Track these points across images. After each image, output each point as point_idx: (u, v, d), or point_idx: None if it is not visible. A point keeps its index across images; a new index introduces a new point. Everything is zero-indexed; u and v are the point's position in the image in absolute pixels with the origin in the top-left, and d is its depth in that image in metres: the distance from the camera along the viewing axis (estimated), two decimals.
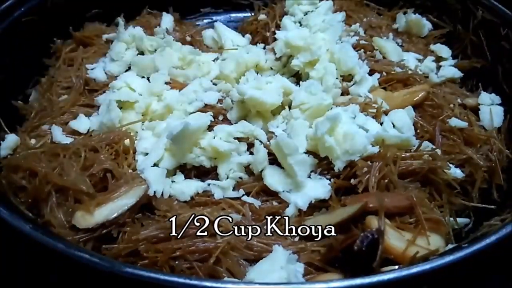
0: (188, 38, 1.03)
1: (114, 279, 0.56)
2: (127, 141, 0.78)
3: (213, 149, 0.75)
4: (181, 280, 0.54)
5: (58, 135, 0.80)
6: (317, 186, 0.73)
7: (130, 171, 0.76)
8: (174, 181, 0.76)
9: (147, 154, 0.78)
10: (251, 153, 0.77)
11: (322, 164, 0.75)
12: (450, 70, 0.95)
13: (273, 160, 0.75)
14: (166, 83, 0.87)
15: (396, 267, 0.61)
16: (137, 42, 0.95)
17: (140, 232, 0.67)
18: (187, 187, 0.74)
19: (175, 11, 1.10)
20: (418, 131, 0.82)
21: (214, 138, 0.77)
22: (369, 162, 0.73)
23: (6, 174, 0.74)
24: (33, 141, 0.82)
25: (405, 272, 0.55)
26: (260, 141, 0.77)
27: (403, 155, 0.74)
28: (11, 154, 0.79)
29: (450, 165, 0.76)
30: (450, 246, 0.67)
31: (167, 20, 1.06)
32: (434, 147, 0.79)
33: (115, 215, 0.68)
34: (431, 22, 1.04)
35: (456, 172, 0.77)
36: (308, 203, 0.71)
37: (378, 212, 0.65)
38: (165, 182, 0.74)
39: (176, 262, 0.64)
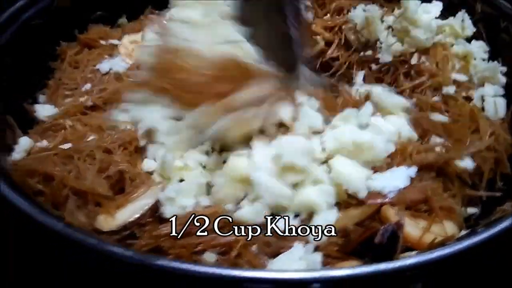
0: None
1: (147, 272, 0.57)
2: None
3: None
4: (218, 270, 0.57)
5: None
6: None
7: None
8: None
9: None
10: None
11: None
12: None
13: None
14: None
15: (414, 252, 0.63)
16: None
17: (160, 228, 0.68)
18: None
19: None
20: None
21: None
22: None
23: (22, 179, 0.74)
24: (44, 142, 0.82)
25: (427, 256, 0.57)
26: None
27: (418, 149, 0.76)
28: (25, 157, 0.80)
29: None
30: (463, 232, 0.69)
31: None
32: (443, 140, 0.81)
33: (136, 215, 0.70)
34: None
35: (467, 163, 0.78)
36: None
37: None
38: None
39: (199, 256, 0.65)
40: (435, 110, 0.87)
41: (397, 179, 0.72)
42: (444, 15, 1.00)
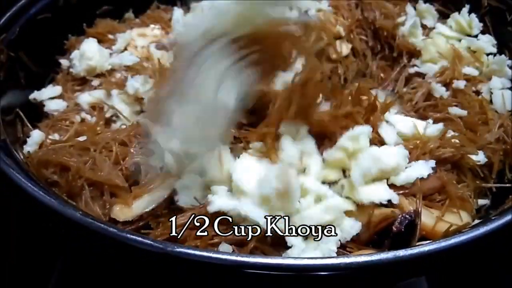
0: None
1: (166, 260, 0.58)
2: None
3: None
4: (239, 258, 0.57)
5: None
6: None
7: None
8: None
9: None
10: None
11: None
12: None
13: None
14: None
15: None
16: None
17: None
18: None
19: (182, 5, 1.11)
20: None
21: None
22: None
23: (37, 169, 0.74)
24: (56, 136, 0.83)
25: (443, 243, 0.58)
26: None
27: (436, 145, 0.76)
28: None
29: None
30: (477, 221, 0.70)
31: (178, 14, 1.06)
32: (457, 133, 0.81)
33: (152, 206, 0.70)
34: (437, 10, 1.06)
35: (480, 157, 0.79)
36: None
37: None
38: None
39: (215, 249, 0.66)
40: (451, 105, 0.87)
41: (417, 171, 0.72)
42: (449, 8, 1.01)
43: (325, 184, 0.72)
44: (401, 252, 0.57)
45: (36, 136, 0.81)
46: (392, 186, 0.70)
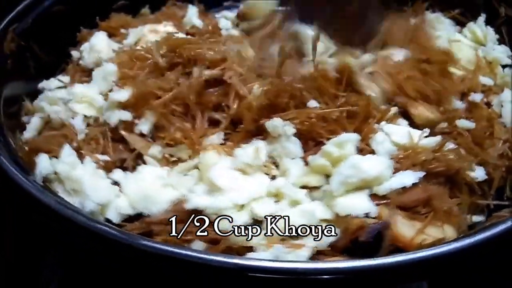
0: None
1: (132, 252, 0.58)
2: None
3: None
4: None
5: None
6: None
7: None
8: None
9: None
10: None
11: None
12: None
13: None
14: None
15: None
16: None
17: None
18: None
19: (200, 3, 1.12)
20: None
21: None
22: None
23: (28, 156, 0.76)
24: None
25: (446, 248, 0.57)
26: None
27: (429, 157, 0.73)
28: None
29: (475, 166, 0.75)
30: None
31: (193, 12, 1.07)
32: (456, 146, 0.78)
33: None
34: (454, 19, 1.03)
35: (478, 174, 0.75)
36: None
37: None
38: None
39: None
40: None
41: (400, 180, 0.70)
42: (465, 16, 0.98)
43: (307, 190, 0.71)
44: (402, 257, 0.56)
45: (35, 122, 0.84)
46: (374, 195, 0.69)
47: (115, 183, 0.73)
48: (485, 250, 0.59)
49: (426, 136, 0.79)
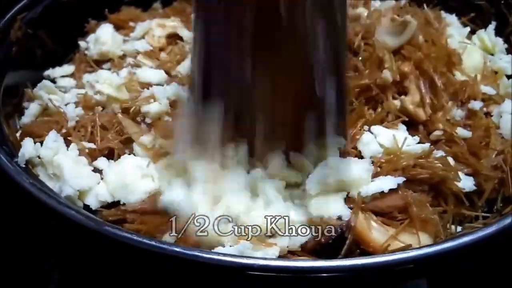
0: None
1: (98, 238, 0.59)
2: None
3: None
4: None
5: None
6: None
7: None
8: None
9: None
10: None
11: None
12: None
13: None
14: None
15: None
16: None
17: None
18: None
19: None
20: None
21: None
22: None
23: (19, 140, 0.78)
24: None
25: (445, 245, 0.57)
26: None
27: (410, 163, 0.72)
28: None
29: (462, 175, 0.73)
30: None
31: None
32: (444, 154, 0.76)
33: None
34: (465, 25, 1.01)
35: (466, 184, 0.73)
36: None
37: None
38: None
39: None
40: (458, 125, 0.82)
41: (378, 185, 0.69)
42: (475, 23, 0.95)
43: (287, 187, 0.71)
44: (402, 255, 0.56)
45: (33, 108, 0.86)
46: (350, 199, 0.68)
47: (100, 171, 0.74)
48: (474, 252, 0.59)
49: (418, 143, 0.78)
